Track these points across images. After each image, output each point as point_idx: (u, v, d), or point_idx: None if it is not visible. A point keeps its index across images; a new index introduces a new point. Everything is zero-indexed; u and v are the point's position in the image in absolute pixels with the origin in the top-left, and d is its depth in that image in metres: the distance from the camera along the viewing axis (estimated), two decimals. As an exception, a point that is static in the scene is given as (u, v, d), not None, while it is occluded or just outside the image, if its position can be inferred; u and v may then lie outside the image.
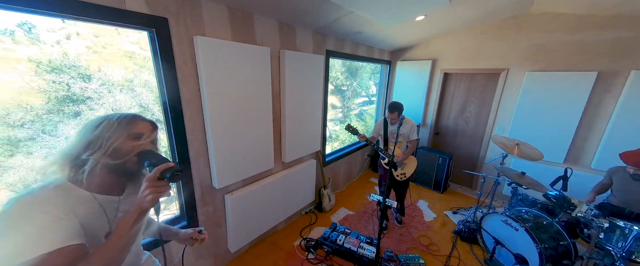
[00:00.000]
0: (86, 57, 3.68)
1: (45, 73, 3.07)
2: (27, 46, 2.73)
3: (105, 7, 1.11)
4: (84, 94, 3.61)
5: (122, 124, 0.66)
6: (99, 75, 3.65)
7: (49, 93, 3.20)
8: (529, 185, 2.06)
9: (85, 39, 3.18)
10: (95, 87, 3.78)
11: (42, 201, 0.58)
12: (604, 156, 2.47)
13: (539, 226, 1.94)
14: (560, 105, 2.64)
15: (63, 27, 2.86)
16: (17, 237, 0.53)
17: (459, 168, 3.59)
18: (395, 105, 2.27)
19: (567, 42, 2.55)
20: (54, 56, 2.83)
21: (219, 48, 1.50)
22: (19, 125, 2.88)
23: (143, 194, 0.62)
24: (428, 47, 3.56)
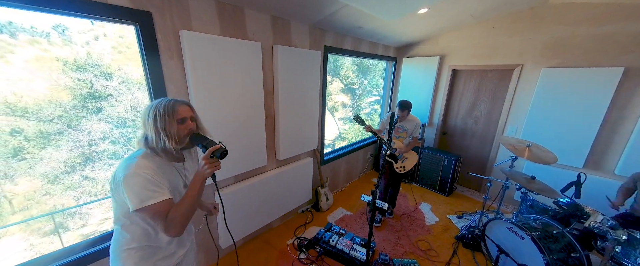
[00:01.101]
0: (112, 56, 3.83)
1: (71, 72, 3.25)
2: (60, 47, 2.91)
3: (88, 0, 1.12)
4: (106, 91, 3.77)
5: (168, 113, 0.85)
6: (119, 74, 3.80)
7: (74, 90, 3.39)
8: (539, 190, 1.90)
9: (111, 39, 3.33)
10: (116, 84, 3.94)
11: (146, 166, 0.84)
12: (630, 161, 2.22)
13: (548, 235, 1.78)
14: (580, 105, 2.41)
15: (92, 29, 3.01)
16: (143, 190, 0.81)
17: (467, 171, 3.40)
18: (406, 104, 2.40)
19: (590, 35, 2.32)
20: (80, 55, 2.98)
21: (207, 43, 1.50)
22: (49, 120, 3.08)
23: (202, 169, 0.87)
24: (436, 42, 3.39)
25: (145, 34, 1.29)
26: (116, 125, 4.00)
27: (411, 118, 2.46)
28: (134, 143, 2.13)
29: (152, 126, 0.84)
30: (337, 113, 10.49)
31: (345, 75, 9.86)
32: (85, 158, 3.86)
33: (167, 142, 0.84)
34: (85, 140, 3.90)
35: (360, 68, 9.48)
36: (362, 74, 9.52)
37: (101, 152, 3.92)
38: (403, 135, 2.50)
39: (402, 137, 2.51)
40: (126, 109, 4.17)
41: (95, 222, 3.28)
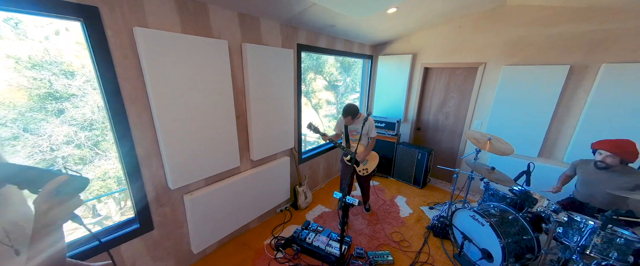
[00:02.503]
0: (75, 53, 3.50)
1: (26, 70, 2.93)
2: (13, 42, 2.60)
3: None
4: (68, 91, 3.46)
5: None
6: (82, 72, 3.49)
7: (30, 90, 3.07)
8: (497, 180, 2.05)
9: (74, 34, 3.02)
10: (80, 83, 3.62)
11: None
12: (576, 150, 2.47)
13: (505, 221, 1.94)
14: (534, 99, 2.62)
15: (51, 22, 2.70)
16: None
17: (439, 164, 3.58)
18: (347, 110, 2.30)
19: (543, 35, 2.52)
20: (35, 52, 2.70)
21: (166, 41, 1.43)
22: (1, 124, 2.77)
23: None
24: (409, 41, 3.50)
25: (92, 31, 1.20)
26: (82, 128, 3.69)
27: (362, 119, 2.31)
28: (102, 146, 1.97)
29: None
30: (321, 110, 10.49)
31: (328, 72, 9.83)
32: (47, 165, 3.56)
33: None
34: (46, 144, 3.56)
35: (343, 65, 9.49)
36: (345, 71, 9.55)
37: (66, 157, 3.61)
38: (357, 137, 2.38)
39: (357, 140, 2.34)
40: (93, 110, 3.86)
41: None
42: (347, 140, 2.53)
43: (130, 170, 1.47)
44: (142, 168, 1.53)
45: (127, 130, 1.42)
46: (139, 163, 1.51)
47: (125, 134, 1.42)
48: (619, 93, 2.19)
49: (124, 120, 1.40)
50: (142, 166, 1.52)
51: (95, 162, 4.07)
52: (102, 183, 4.38)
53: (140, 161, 1.51)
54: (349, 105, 2.35)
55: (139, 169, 1.51)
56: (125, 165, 1.45)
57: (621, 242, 1.36)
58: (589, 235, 1.46)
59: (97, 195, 3.91)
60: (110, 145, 3.74)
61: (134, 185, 1.51)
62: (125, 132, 1.41)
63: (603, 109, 2.28)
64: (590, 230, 1.46)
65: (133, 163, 1.48)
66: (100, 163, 4.21)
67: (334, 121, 7.81)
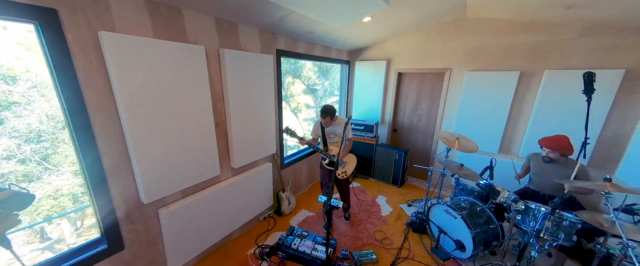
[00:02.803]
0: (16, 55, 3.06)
1: None
2: None
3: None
4: (8, 99, 3.02)
5: None
6: (27, 76, 3.08)
7: None
8: (466, 176, 2.25)
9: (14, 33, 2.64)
10: (23, 90, 3.17)
11: None
12: (528, 145, 2.81)
13: (474, 213, 2.13)
14: (494, 101, 2.94)
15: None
16: None
17: (414, 163, 3.81)
18: (326, 110, 2.28)
19: (498, 44, 2.85)
20: None
21: (136, 46, 1.34)
22: None
23: None
24: (383, 47, 3.69)
25: (49, 35, 1.09)
26: (26, 140, 3.22)
27: (339, 121, 2.38)
28: (53, 160, 1.83)
29: None
30: (300, 114, 10.47)
31: (306, 76, 9.91)
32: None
33: None
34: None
35: (321, 69, 9.64)
36: (323, 75, 9.70)
37: (5, 174, 3.12)
38: (336, 139, 2.41)
39: (336, 142, 2.42)
40: (41, 120, 3.39)
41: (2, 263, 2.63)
42: (324, 144, 2.52)
43: (95, 186, 1.34)
44: (110, 182, 1.40)
45: (91, 141, 1.30)
46: (107, 178, 1.38)
47: (89, 146, 1.29)
48: (558, 95, 2.56)
49: (87, 131, 1.28)
50: (109, 180, 1.39)
51: (43, 178, 3.56)
52: (53, 202, 3.84)
53: (108, 175, 1.39)
54: (327, 105, 2.31)
55: (106, 184, 1.38)
56: (90, 180, 1.31)
57: (567, 224, 1.59)
58: (542, 220, 1.68)
59: (47, 217, 3.43)
60: (63, 159, 3.33)
61: (100, 202, 1.38)
62: (88, 144, 1.29)
63: (547, 109, 2.64)
64: (543, 216, 1.67)
65: (99, 177, 1.35)
66: (51, 179, 3.69)
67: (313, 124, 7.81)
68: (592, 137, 2.40)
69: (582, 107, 2.17)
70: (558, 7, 2.16)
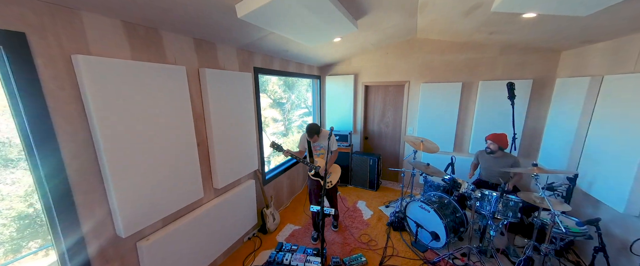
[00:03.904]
0: None
1: None
2: None
3: None
4: None
5: None
6: None
7: None
8: (433, 173, 2.58)
9: None
10: None
11: None
12: (475, 143, 3.36)
13: (443, 205, 2.44)
14: (445, 108, 3.46)
15: None
16: None
17: (386, 166, 4.14)
18: (311, 129, 2.42)
19: (442, 60, 3.41)
20: None
21: (113, 68, 1.27)
22: None
23: None
24: (350, 63, 4.04)
25: (15, 60, 0.98)
26: None
27: (323, 135, 2.52)
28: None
29: None
30: (268, 128, 10.35)
31: (272, 91, 9.94)
32: None
33: None
34: None
35: (286, 83, 9.83)
36: (289, 89, 9.87)
37: None
38: (322, 151, 2.56)
39: (322, 154, 2.56)
40: None
41: None
42: (310, 156, 2.65)
43: (63, 223, 1.17)
44: (82, 219, 1.24)
45: (60, 173, 1.15)
46: (78, 214, 1.22)
47: (58, 179, 1.14)
48: (492, 100, 3.17)
49: (57, 161, 1.13)
50: (81, 217, 1.23)
51: None
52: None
53: (79, 210, 1.23)
54: (312, 125, 2.44)
55: (76, 221, 1.22)
56: (58, 218, 1.15)
57: (512, 204, 1.97)
58: (495, 204, 2.04)
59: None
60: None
61: (70, 242, 1.20)
62: (57, 177, 1.14)
63: (485, 112, 3.24)
64: (495, 200, 2.04)
65: (67, 214, 1.19)
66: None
67: (283, 137, 7.87)
68: (518, 133, 3.03)
69: (509, 110, 2.76)
70: (483, 32, 2.76)
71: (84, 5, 1.14)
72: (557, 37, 2.39)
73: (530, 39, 2.65)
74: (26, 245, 2.22)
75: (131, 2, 1.19)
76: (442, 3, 2.06)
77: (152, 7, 1.27)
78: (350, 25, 2.07)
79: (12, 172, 2.26)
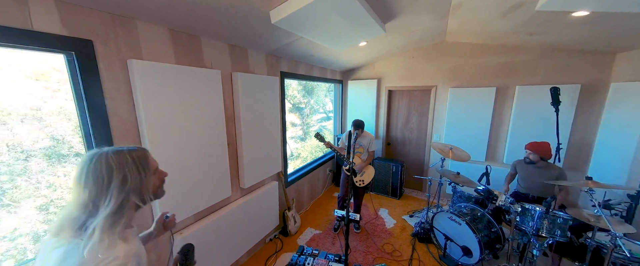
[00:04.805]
0: None
1: None
2: None
3: (4, 27, 0.92)
4: None
5: (142, 165, 0.68)
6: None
7: None
8: (463, 182, 2.42)
9: None
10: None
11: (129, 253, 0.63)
12: (510, 152, 3.10)
13: (475, 218, 2.27)
14: (477, 114, 3.26)
15: None
16: None
17: (410, 174, 3.97)
18: (359, 123, 2.65)
19: (473, 64, 3.23)
20: None
21: (160, 72, 1.38)
22: None
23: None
24: (373, 68, 4.00)
25: (83, 64, 1.11)
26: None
27: (365, 135, 2.76)
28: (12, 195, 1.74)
29: (116, 190, 0.62)
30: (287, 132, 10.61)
31: (291, 96, 10.19)
32: None
33: (137, 206, 0.68)
34: None
35: (306, 89, 10.00)
36: (308, 94, 10.04)
37: None
38: (360, 150, 2.76)
39: (359, 152, 2.75)
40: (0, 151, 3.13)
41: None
42: (348, 152, 2.67)
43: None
44: (127, 210, 1.34)
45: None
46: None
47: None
48: (530, 107, 2.92)
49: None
50: (126, 208, 1.34)
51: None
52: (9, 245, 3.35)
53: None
54: (358, 120, 2.66)
55: (122, 212, 1.32)
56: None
57: (561, 222, 1.77)
58: (539, 220, 1.84)
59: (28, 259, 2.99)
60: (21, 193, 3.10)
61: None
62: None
63: (523, 119, 2.99)
64: (539, 215, 1.84)
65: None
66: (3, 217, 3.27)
67: (301, 142, 7.94)
68: (562, 143, 2.74)
69: (552, 117, 2.51)
70: (522, 34, 2.57)
71: (140, 15, 1.27)
72: (612, 36, 2.15)
73: (578, 40, 2.41)
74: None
75: (178, 12, 1.30)
76: (477, 3, 1.97)
77: (196, 16, 1.37)
78: (379, 29, 2.06)
79: (64, 166, 2.53)
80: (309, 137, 7.75)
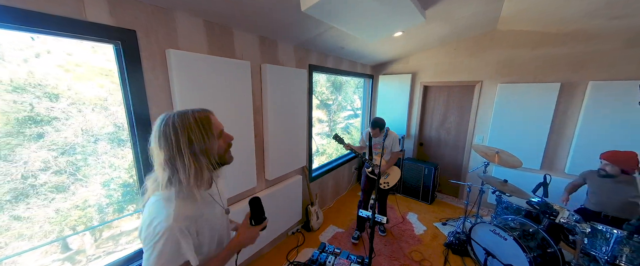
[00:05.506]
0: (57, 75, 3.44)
1: (6, 93, 2.81)
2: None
3: (62, 17, 1.00)
4: (50, 114, 3.31)
5: (205, 127, 0.70)
6: (68, 94, 3.38)
7: (8, 114, 2.92)
8: (512, 192, 2.09)
9: (56, 56, 2.96)
10: (64, 106, 3.48)
11: (184, 215, 0.66)
12: (576, 161, 2.61)
13: (526, 234, 1.95)
14: (531, 114, 2.80)
15: (31, 46, 2.66)
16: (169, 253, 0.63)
17: (445, 178, 3.63)
18: (376, 122, 2.39)
19: (531, 56, 2.77)
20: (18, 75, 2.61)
21: (195, 62, 1.42)
22: None
23: (249, 239, 0.84)
24: (408, 61, 3.71)
25: (127, 54, 1.18)
26: (62, 153, 3.44)
27: (389, 134, 2.39)
28: (84, 171, 1.89)
29: (186, 149, 0.65)
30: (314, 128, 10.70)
31: (320, 92, 10.18)
32: (16, 194, 3.25)
33: (208, 167, 0.69)
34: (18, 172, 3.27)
35: (334, 85, 9.90)
36: (336, 91, 9.93)
37: (40, 185, 3.30)
38: (382, 151, 2.39)
39: (379, 153, 2.48)
40: (76, 134, 3.65)
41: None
42: (369, 153, 2.56)
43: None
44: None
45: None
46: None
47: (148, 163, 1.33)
48: (607, 107, 2.40)
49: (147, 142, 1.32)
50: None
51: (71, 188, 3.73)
52: (80, 213, 3.96)
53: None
54: (377, 118, 2.43)
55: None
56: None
57: (648, 250, 1.40)
58: (616, 245, 1.49)
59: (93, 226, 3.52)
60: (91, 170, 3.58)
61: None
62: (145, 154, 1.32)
63: (595, 122, 2.47)
64: (616, 239, 1.49)
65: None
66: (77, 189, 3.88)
67: (327, 138, 7.91)
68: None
69: (635, 120, 2.02)
70: (601, 18, 2.10)
71: (178, 7, 1.31)
72: None
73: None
74: (126, 207, 2.78)
75: (212, 1, 1.30)
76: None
77: (228, 1, 1.37)
78: (418, 16, 1.85)
79: (122, 150, 2.86)
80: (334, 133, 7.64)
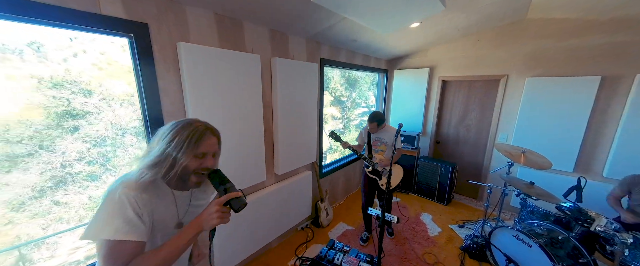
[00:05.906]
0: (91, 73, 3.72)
1: (47, 89, 3.07)
2: (34, 64, 2.74)
3: (78, 11, 1.04)
4: (84, 109, 3.58)
5: (190, 145, 0.72)
6: (100, 90, 3.64)
7: (48, 108, 3.19)
8: (539, 195, 1.92)
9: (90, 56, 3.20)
10: (96, 101, 3.75)
11: (138, 189, 0.69)
12: (616, 164, 2.33)
13: (555, 241, 1.78)
14: (565, 111, 2.54)
15: (70, 46, 2.89)
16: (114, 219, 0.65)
17: (463, 178, 3.43)
18: (373, 116, 2.20)
19: (566, 47, 2.50)
20: (57, 72, 2.83)
21: (205, 55, 1.43)
22: (18, 141, 2.81)
23: (208, 216, 0.73)
24: (425, 55, 3.53)
25: (140, 46, 1.21)
26: (94, 144, 3.74)
27: (387, 129, 2.26)
28: (113, 163, 1.96)
29: (164, 147, 0.71)
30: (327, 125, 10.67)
31: (333, 88, 10.09)
32: (56, 181, 3.56)
33: (167, 172, 0.71)
34: (58, 161, 3.59)
35: (348, 81, 9.76)
36: (351, 87, 9.77)
37: (76, 174, 3.61)
38: (382, 148, 2.29)
39: (381, 150, 2.30)
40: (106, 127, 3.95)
41: (65, 252, 2.92)
42: (369, 151, 2.41)
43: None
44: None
45: (161, 144, 1.38)
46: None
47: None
48: (658, 103, 2.11)
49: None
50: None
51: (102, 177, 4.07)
52: None
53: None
54: (375, 111, 2.23)
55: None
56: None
57: None
58: (664, 259, 1.31)
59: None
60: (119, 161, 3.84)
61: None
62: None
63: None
64: (666, 253, 1.30)
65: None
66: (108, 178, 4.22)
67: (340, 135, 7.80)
68: None
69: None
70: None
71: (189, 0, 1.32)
72: None
73: None
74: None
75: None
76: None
77: (238, -5, 1.35)
78: (437, 4, 1.73)
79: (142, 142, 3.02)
80: (348, 131, 7.56)
